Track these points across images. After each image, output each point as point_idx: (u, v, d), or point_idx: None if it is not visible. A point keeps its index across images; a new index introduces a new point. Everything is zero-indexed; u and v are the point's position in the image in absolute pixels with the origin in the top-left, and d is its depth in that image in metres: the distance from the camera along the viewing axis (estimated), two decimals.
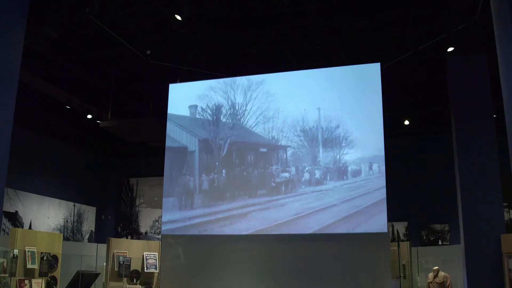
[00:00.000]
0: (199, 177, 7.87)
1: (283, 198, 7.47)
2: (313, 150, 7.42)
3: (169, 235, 7.90)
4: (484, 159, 9.95)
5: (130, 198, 16.79)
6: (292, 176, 7.50)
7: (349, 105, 7.40)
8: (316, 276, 7.05)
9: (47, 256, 9.43)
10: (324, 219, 7.12)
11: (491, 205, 9.77)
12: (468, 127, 10.17)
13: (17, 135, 6.05)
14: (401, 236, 13.77)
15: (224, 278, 7.47)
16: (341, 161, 7.25)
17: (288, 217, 7.34)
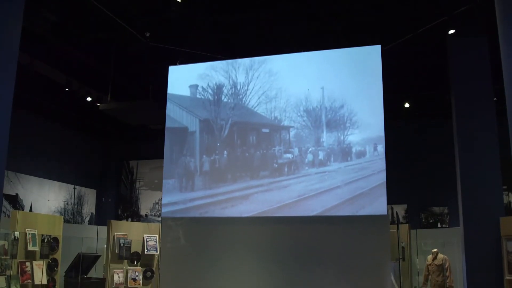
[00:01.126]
0: (200, 158, 7.60)
1: (286, 180, 7.20)
2: (317, 131, 7.16)
3: (169, 217, 7.67)
4: (484, 142, 9.82)
5: (130, 180, 16.65)
6: (295, 157, 7.23)
7: (353, 86, 7.13)
8: (316, 258, 6.89)
9: (47, 239, 9.31)
10: (327, 201, 6.89)
11: (491, 188, 9.67)
12: (468, 110, 10.02)
13: (17, 118, 5.96)
14: (401, 219, 13.65)
15: (225, 260, 7.29)
16: (345, 142, 6.99)
17: (291, 199, 7.09)
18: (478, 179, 9.63)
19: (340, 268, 6.79)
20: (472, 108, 9.93)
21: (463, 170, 9.80)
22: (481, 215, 9.46)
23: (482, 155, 9.72)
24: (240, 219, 7.32)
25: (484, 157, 9.70)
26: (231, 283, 7.19)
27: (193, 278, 7.36)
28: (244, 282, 7.15)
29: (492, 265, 9.22)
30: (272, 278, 7.03)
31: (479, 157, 9.72)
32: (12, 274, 8.44)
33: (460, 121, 10.03)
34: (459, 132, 10.01)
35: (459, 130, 10.01)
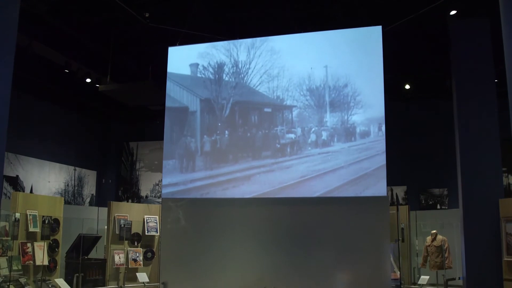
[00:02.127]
0: (201, 139, 7.37)
1: (288, 160, 6.99)
2: (320, 110, 6.93)
3: (170, 199, 7.48)
4: (484, 124, 9.69)
5: (130, 162, 16.51)
6: (297, 137, 7.01)
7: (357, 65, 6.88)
8: (316, 238, 6.77)
9: (48, 220, 9.19)
10: (330, 182, 6.69)
11: (490, 170, 9.56)
12: (469, 92, 9.87)
13: (16, 100, 5.90)
14: (400, 200, 13.54)
15: (226, 241, 7.13)
16: (349, 122, 6.77)
17: (294, 180, 6.89)
18: (477, 161, 9.55)
19: (340, 248, 6.66)
20: (473, 89, 9.80)
21: (463, 152, 9.70)
22: (481, 196, 9.40)
23: (482, 137, 9.63)
24: (241, 200, 7.13)
25: (484, 139, 9.61)
26: (231, 264, 7.05)
27: (194, 258, 7.22)
28: (244, 263, 7.02)
29: (491, 246, 9.17)
30: (272, 258, 6.90)
31: (479, 139, 9.63)
32: (14, 255, 8.34)
33: (461, 102, 9.90)
34: (459, 114, 9.89)
35: (460, 112, 9.88)
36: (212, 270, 7.11)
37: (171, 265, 7.35)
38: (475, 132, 9.66)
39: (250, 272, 6.95)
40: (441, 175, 13.40)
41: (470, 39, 9.84)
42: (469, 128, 9.70)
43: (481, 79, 9.79)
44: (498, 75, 9.94)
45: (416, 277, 10.44)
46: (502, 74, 7.28)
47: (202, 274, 7.13)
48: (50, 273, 9.09)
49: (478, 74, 9.80)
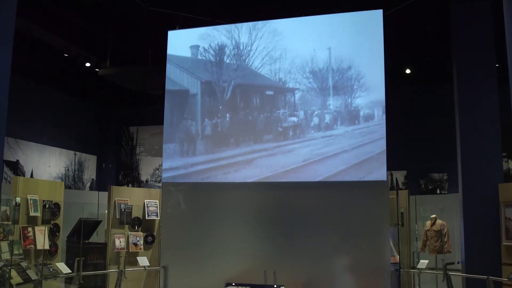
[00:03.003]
0: (202, 122, 7.17)
1: (291, 144, 6.80)
2: (323, 93, 6.73)
3: (170, 183, 7.32)
4: (484, 108, 9.56)
5: (131, 146, 16.36)
6: (300, 121, 6.81)
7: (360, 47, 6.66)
8: (317, 223, 6.66)
9: (49, 204, 9.07)
10: (333, 166, 6.52)
11: (490, 155, 9.46)
12: (469, 76, 9.71)
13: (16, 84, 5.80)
14: (400, 185, 13.44)
15: (227, 225, 7.01)
16: (352, 105, 6.57)
17: (296, 163, 6.72)
18: (478, 145, 9.45)
19: (340, 232, 6.54)
20: (474, 74, 9.65)
21: (463, 137, 9.60)
22: (480, 181, 9.31)
23: (483, 122, 9.51)
24: (243, 184, 6.97)
25: (484, 123, 9.50)
26: (232, 248, 6.94)
27: (194, 243, 7.10)
28: (245, 247, 6.91)
29: (490, 231, 9.11)
30: (272, 242, 6.79)
31: (479, 124, 9.51)
32: (15, 239, 8.22)
33: (461, 87, 9.77)
34: (460, 98, 9.75)
35: (460, 96, 9.75)
36: (213, 254, 7.00)
37: (171, 249, 7.23)
38: (475, 117, 9.54)
39: (250, 256, 6.84)
40: (441, 160, 13.29)
41: (471, 23, 9.67)
42: (470, 112, 9.59)
43: (482, 64, 9.65)
44: (499, 59, 9.82)
45: (415, 261, 10.37)
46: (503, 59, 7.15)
47: (202, 258, 7.01)
48: (51, 257, 9.00)
49: (479, 59, 9.66)
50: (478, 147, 9.43)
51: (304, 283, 6.54)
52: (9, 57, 5.31)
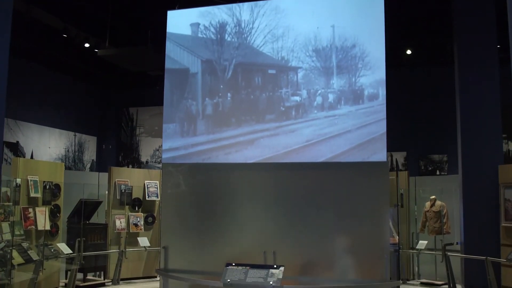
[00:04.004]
0: (202, 101, 6.95)
1: (293, 124, 6.59)
2: (327, 72, 6.50)
3: (170, 164, 7.14)
4: (485, 89, 9.40)
5: (130, 127, 16.17)
6: (303, 100, 6.59)
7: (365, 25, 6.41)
8: (317, 203, 6.51)
9: (49, 185, 8.90)
10: (337, 147, 6.33)
11: (490, 136, 9.34)
12: (470, 57, 9.53)
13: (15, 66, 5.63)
14: (400, 166, 13.31)
15: (227, 206, 6.87)
16: (356, 84, 6.36)
17: (299, 144, 6.53)
18: (478, 126, 9.34)
19: (340, 213, 6.41)
20: (475, 55, 9.48)
21: (463, 118, 9.47)
22: (480, 162, 9.22)
23: (483, 103, 9.38)
24: (244, 165, 6.79)
25: (484, 105, 9.37)
26: (232, 229, 6.81)
27: (194, 223, 6.97)
28: (245, 228, 6.78)
29: (489, 212, 9.04)
30: (273, 223, 6.68)
31: (479, 105, 9.38)
32: (16, 220, 8.08)
33: (462, 68, 9.60)
34: (460, 80, 9.59)
35: (461, 78, 9.59)
36: (213, 234, 6.87)
37: (172, 230, 7.09)
38: (476, 98, 9.40)
39: (250, 237, 6.72)
40: (441, 141, 13.15)
41: (472, 4, 9.46)
42: (470, 94, 9.45)
43: (483, 45, 9.47)
44: (501, 40, 9.64)
45: (414, 242, 10.33)
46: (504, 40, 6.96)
47: (203, 239, 6.90)
48: (52, 237, 8.88)
49: (480, 40, 9.47)
50: (478, 128, 9.31)
51: (303, 263, 6.45)
52: (7, 38, 5.15)
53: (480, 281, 8.78)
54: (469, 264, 9.06)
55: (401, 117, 12.61)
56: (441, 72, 12.73)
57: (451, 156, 12.66)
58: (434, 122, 13.10)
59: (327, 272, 6.36)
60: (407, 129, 13.11)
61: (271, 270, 5.93)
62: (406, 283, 9.84)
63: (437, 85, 13.11)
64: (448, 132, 11.66)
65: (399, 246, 8.94)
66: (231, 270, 6.10)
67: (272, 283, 5.80)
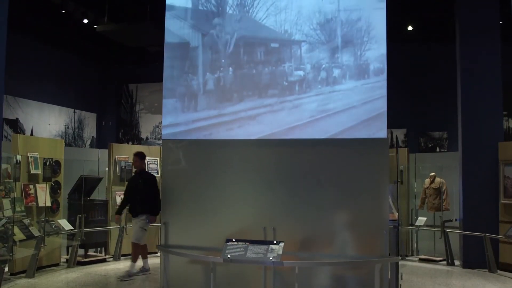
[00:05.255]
0: (203, 76, 6.72)
1: (297, 99, 6.37)
2: (331, 45, 6.29)
3: (170, 140, 6.96)
4: (486, 66, 9.25)
5: (130, 104, 15.96)
6: (307, 75, 6.37)
7: None
8: (316, 180, 6.36)
9: (49, 162, 8.75)
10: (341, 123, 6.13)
11: (491, 113, 9.22)
12: (472, 34, 9.33)
13: (14, 42, 5.44)
14: (400, 143, 13.18)
15: (227, 183, 6.73)
16: (362, 58, 6.14)
17: (302, 120, 6.34)
18: (478, 104, 9.21)
19: (340, 189, 6.27)
20: (476, 31, 9.28)
21: (464, 95, 9.33)
22: (480, 140, 9.13)
23: (484, 80, 9.24)
24: (246, 141, 6.62)
25: (485, 81, 9.23)
26: (232, 205, 6.68)
27: (195, 200, 6.83)
28: (245, 204, 6.65)
29: (489, 189, 9.00)
30: (273, 199, 6.54)
31: (480, 82, 9.24)
32: (16, 197, 7.96)
33: (464, 44, 9.41)
34: (461, 56, 9.41)
35: (462, 54, 9.41)
36: (213, 210, 6.74)
37: (172, 206, 6.96)
38: (477, 75, 9.25)
39: (251, 213, 6.60)
40: (441, 118, 13.01)
41: None
42: (471, 70, 9.29)
43: (485, 21, 9.28)
44: (503, 16, 9.44)
45: (413, 218, 10.28)
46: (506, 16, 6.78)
47: (203, 215, 6.77)
48: (53, 214, 8.78)
49: (482, 16, 9.28)
50: (478, 105, 9.18)
51: (303, 239, 6.34)
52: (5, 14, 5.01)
53: (478, 258, 8.76)
54: (467, 240, 9.02)
55: (402, 93, 12.43)
56: (442, 49, 12.50)
57: (451, 133, 12.54)
58: (434, 99, 12.94)
59: (326, 247, 6.27)
60: (408, 106, 12.95)
61: (271, 246, 5.84)
62: (405, 259, 9.82)
63: (438, 61, 12.91)
64: (449, 109, 11.53)
65: (398, 223, 8.80)
66: (231, 246, 6.00)
67: (272, 258, 5.72)
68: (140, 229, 8.06)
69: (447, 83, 11.19)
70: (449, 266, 9.20)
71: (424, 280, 7.91)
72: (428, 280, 7.92)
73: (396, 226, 6.42)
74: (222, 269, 6.38)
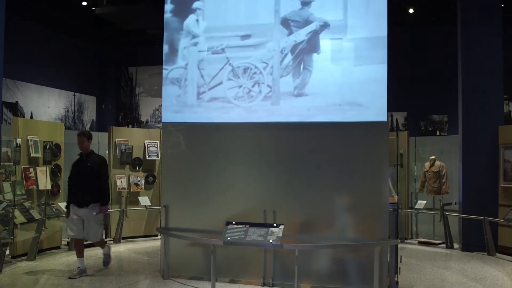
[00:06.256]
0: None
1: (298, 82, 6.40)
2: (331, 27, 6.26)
3: (170, 123, 6.95)
4: (487, 49, 9.16)
5: (130, 87, 15.88)
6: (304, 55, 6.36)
7: None
8: (317, 163, 6.35)
9: (49, 145, 8.73)
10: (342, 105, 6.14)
11: (492, 97, 9.16)
12: (473, 17, 9.24)
13: (13, 25, 5.38)
14: (400, 126, 13.15)
15: (227, 165, 6.74)
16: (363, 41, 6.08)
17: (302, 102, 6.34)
18: (479, 87, 9.15)
19: (340, 173, 6.28)
20: (478, 14, 9.19)
21: (464, 78, 9.26)
22: (481, 123, 9.10)
23: (485, 63, 9.16)
24: (244, 124, 6.60)
25: (487, 65, 9.16)
26: (232, 188, 6.70)
27: (195, 183, 6.83)
28: (245, 187, 6.68)
29: (488, 172, 8.98)
30: (273, 182, 6.56)
31: (481, 65, 9.17)
32: (17, 180, 7.95)
33: (465, 27, 9.32)
34: (463, 39, 9.32)
35: (463, 37, 9.32)
36: (213, 193, 6.76)
37: (172, 189, 6.97)
38: (478, 58, 9.17)
39: (251, 196, 6.61)
40: (441, 102, 12.94)
41: None
42: (472, 54, 9.21)
43: (486, 4, 9.17)
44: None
45: (413, 201, 10.30)
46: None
47: (203, 198, 6.79)
48: (53, 197, 8.79)
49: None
50: (479, 89, 9.12)
51: (303, 222, 6.37)
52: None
53: (477, 241, 8.79)
54: (467, 223, 9.03)
55: (402, 77, 12.34)
56: (443, 32, 12.37)
57: (452, 117, 12.49)
58: (435, 82, 12.85)
59: (326, 230, 6.29)
60: (408, 89, 12.87)
61: (271, 228, 5.87)
62: (404, 242, 9.85)
63: (439, 44, 12.80)
64: (449, 92, 11.47)
65: (398, 206, 8.83)
66: (231, 228, 6.03)
67: (272, 241, 5.75)
68: (98, 225, 6.93)
69: (448, 67, 11.12)
70: (448, 249, 9.24)
71: (423, 263, 7.95)
72: (427, 263, 7.96)
73: (395, 209, 6.43)
74: (222, 252, 6.41)
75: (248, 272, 6.56)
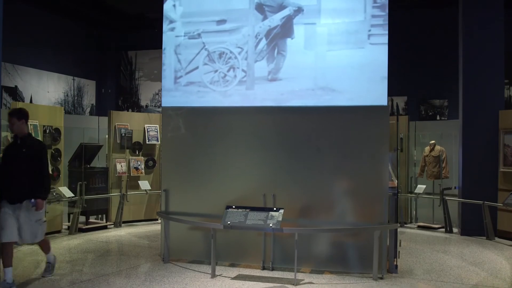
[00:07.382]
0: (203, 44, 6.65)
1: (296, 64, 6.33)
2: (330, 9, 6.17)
3: (170, 107, 6.90)
4: (489, 34, 9.09)
5: (130, 71, 15.74)
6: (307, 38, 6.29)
7: None
8: (315, 147, 6.33)
9: (49, 129, 8.69)
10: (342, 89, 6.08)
11: (492, 81, 9.11)
12: (475, 1, 9.15)
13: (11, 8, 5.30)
14: (400, 111, 13.07)
15: (227, 149, 6.70)
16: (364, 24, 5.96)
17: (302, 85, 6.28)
18: (480, 71, 9.09)
19: (340, 157, 6.25)
20: None
21: (465, 62, 9.20)
22: (481, 108, 9.05)
23: (486, 48, 9.09)
24: (244, 108, 6.55)
25: (487, 49, 9.09)
26: (232, 172, 6.67)
27: (195, 167, 6.80)
28: (245, 171, 6.64)
29: (488, 157, 8.96)
30: (273, 166, 6.53)
31: (482, 50, 9.09)
32: None
33: (466, 10, 9.22)
34: (464, 23, 9.23)
35: (465, 21, 9.23)
36: (213, 177, 6.73)
37: (172, 173, 6.94)
38: (479, 43, 9.09)
39: (251, 180, 6.59)
40: (442, 86, 12.82)
41: None
42: (473, 38, 9.13)
43: None
44: None
45: (413, 186, 10.29)
46: None
47: (203, 182, 6.77)
48: (54, 181, 8.74)
49: None
50: (480, 73, 9.06)
51: (303, 206, 6.36)
52: None
53: (476, 225, 8.79)
54: (466, 208, 9.03)
55: (403, 61, 12.22)
56: (444, 15, 12.23)
57: (452, 101, 12.41)
58: (435, 67, 12.72)
59: (326, 214, 6.28)
60: (408, 73, 12.75)
61: (271, 212, 5.87)
62: (404, 226, 9.86)
63: (439, 28, 12.64)
64: (450, 77, 11.38)
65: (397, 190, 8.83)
66: (231, 212, 6.03)
67: (271, 225, 5.75)
68: (37, 223, 5.55)
69: (449, 51, 11.01)
70: (448, 234, 9.25)
71: (422, 247, 7.96)
72: (427, 247, 7.97)
73: (395, 193, 6.43)
74: (222, 236, 6.42)
75: (248, 256, 6.57)
